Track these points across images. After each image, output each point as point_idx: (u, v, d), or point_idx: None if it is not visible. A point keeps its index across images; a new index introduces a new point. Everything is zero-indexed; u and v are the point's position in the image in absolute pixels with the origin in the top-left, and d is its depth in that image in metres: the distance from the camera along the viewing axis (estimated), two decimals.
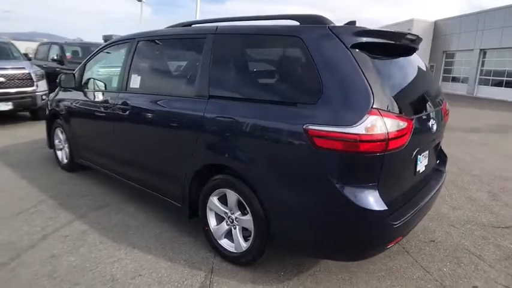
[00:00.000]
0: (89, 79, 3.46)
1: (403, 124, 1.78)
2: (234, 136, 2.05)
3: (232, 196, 2.19)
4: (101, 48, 3.48)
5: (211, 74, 2.26)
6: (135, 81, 2.85)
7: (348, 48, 1.79)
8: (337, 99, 1.74)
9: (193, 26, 2.73)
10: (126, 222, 2.84)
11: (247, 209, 2.10)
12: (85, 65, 3.57)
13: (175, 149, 2.47)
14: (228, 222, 2.29)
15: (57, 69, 7.85)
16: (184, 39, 2.62)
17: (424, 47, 25.11)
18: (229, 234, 2.33)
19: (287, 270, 2.26)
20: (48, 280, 2.09)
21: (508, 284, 2.21)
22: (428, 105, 2.23)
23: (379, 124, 1.67)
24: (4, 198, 3.26)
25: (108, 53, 3.43)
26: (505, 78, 19.86)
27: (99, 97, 3.23)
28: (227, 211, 2.28)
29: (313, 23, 2.01)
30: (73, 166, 3.94)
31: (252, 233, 2.12)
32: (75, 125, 3.65)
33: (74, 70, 3.76)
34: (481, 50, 21.67)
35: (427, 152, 2.25)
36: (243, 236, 2.24)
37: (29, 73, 6.30)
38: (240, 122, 2.02)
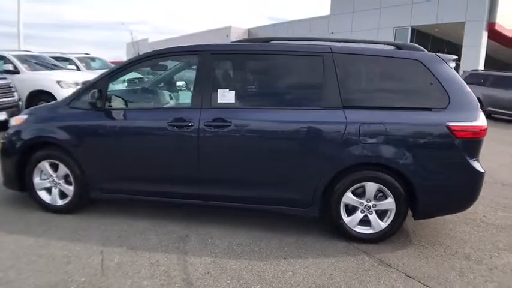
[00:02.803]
0: (125, 96, 2.87)
1: None
2: (385, 136, 2.56)
3: (372, 187, 2.67)
4: (132, 63, 2.94)
5: (341, 87, 2.63)
6: (226, 96, 2.72)
7: (452, 69, 2.67)
8: (462, 104, 2.59)
9: (280, 42, 2.89)
10: (238, 243, 2.74)
11: (389, 194, 2.66)
12: (108, 80, 2.89)
13: (305, 157, 2.66)
14: (364, 210, 2.74)
15: None
16: (290, 55, 2.76)
17: None
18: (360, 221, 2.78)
19: (405, 237, 2.92)
20: None
21: None
22: None
23: (484, 118, 2.65)
24: (42, 260, 2.37)
25: (149, 67, 2.97)
26: None
27: (156, 116, 2.81)
28: (362, 201, 2.73)
29: (409, 48, 2.79)
30: (78, 205, 3.11)
31: (393, 213, 2.69)
32: (103, 152, 2.91)
33: None
34: None
35: None
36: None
37: None
38: (390, 125, 2.56)
